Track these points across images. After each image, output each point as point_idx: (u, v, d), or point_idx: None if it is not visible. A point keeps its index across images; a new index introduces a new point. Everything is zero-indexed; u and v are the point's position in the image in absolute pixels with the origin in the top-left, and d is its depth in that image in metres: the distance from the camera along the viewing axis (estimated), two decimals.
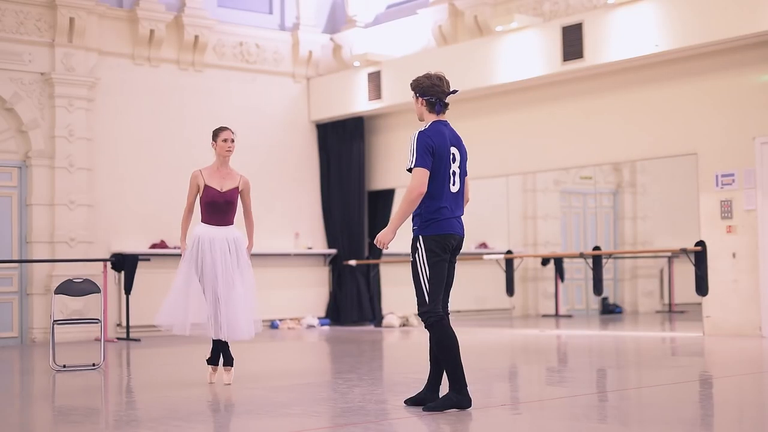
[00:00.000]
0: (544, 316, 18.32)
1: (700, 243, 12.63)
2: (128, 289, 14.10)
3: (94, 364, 9.90)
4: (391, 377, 9.09)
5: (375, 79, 16.05)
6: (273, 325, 16.14)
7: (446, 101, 6.80)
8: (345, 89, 16.67)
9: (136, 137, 15.37)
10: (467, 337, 13.75)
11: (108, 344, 12.09)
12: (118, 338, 14.20)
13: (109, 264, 13.97)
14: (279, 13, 17.27)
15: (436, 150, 6.59)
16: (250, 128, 16.45)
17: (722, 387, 7.93)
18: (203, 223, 8.60)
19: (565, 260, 17.88)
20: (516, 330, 15.29)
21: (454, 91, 6.82)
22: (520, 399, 7.58)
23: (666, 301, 18.94)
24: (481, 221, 18.71)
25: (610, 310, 18.44)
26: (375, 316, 16.72)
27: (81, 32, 14.67)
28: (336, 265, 17.06)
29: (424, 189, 6.54)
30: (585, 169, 17.68)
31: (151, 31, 15.42)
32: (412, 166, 6.59)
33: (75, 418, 6.91)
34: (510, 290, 16.64)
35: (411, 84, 6.91)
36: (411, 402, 6.80)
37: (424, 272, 6.64)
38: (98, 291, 10.06)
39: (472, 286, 18.13)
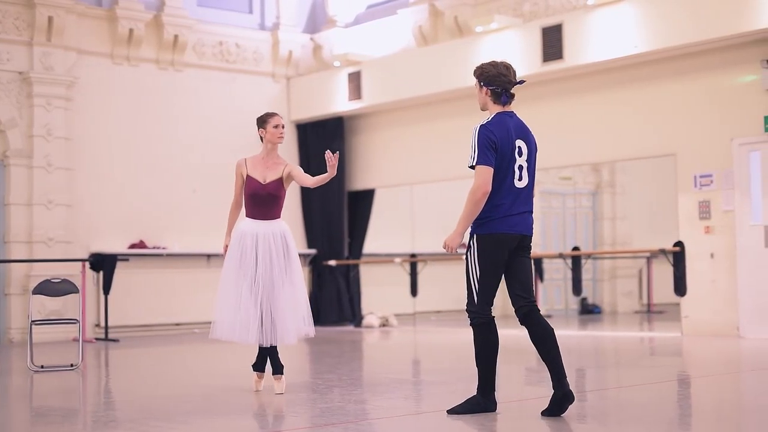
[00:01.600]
0: None
1: (679, 243, 12.68)
2: (107, 289, 14.05)
3: (72, 365, 9.85)
4: (371, 378, 9.08)
5: (355, 79, 16.04)
6: None
7: (512, 92, 6.45)
8: (325, 89, 16.65)
9: (114, 137, 15.30)
10: (447, 338, 13.77)
11: (86, 345, 12.05)
12: (97, 339, 14.14)
13: (87, 264, 13.92)
14: (259, 13, 17.23)
15: (499, 144, 6.24)
16: (229, 128, 16.41)
17: (700, 387, 7.96)
18: (247, 218, 7.85)
19: (545, 260, 17.90)
20: None
21: (521, 81, 6.48)
22: (499, 399, 7.58)
23: (645, 301, 19.00)
24: None
25: (589, 311, 18.48)
26: (355, 317, 16.71)
27: (59, 31, 14.59)
28: (316, 265, 17.04)
29: (489, 188, 6.20)
30: (564, 169, 17.72)
31: (131, 31, 15.36)
32: (474, 164, 6.25)
33: (53, 418, 6.87)
34: None
35: (475, 72, 6.51)
36: (548, 413, 6.31)
37: (475, 273, 6.39)
38: (76, 291, 10.01)
39: (452, 287, 18.10)
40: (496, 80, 6.38)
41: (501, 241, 6.28)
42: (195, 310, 15.62)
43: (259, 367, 7.94)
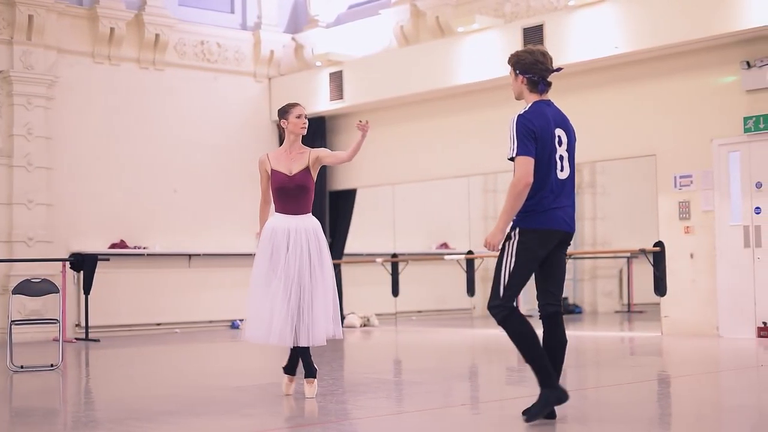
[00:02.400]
0: None
1: (659, 243, 12.74)
2: (87, 289, 14.00)
3: (52, 365, 9.81)
4: (352, 377, 9.09)
5: (337, 79, 16.03)
6: (233, 325, 16.08)
7: (549, 80, 6.14)
8: (306, 89, 16.64)
9: (95, 136, 15.25)
10: (428, 337, 13.78)
11: (66, 345, 12.00)
12: (77, 339, 14.08)
13: (67, 264, 13.87)
14: (240, 13, 17.20)
15: (538, 133, 5.91)
16: (210, 127, 16.39)
17: (680, 386, 8.01)
18: (277, 213, 7.45)
19: None
20: (476, 330, 15.34)
21: (559, 69, 6.18)
22: (480, 399, 7.61)
23: (625, 301, 19.08)
24: (442, 221, 18.78)
25: (569, 311, 18.54)
26: None
27: (40, 30, 14.53)
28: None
29: (531, 179, 5.83)
30: None
31: (111, 30, 15.31)
32: (514, 155, 5.91)
33: (33, 419, 6.85)
34: (470, 290, 16.68)
35: (510, 59, 6.19)
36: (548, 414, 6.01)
37: (509, 265, 5.89)
38: (57, 291, 9.97)
39: (432, 286, 18.18)
40: (533, 68, 6.09)
41: (545, 237, 5.92)
42: (176, 310, 15.60)
43: (290, 369, 7.51)
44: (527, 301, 18.76)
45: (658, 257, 12.72)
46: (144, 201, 15.61)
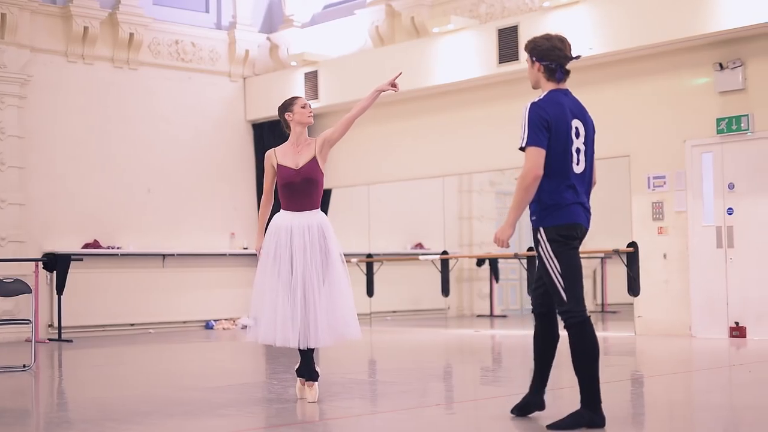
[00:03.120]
0: (479, 316, 18.43)
1: (632, 244, 12.80)
2: (60, 289, 13.92)
3: (24, 366, 9.75)
4: (327, 378, 9.07)
5: (312, 79, 16.02)
6: (208, 326, 16.04)
7: (567, 67, 5.87)
8: (282, 89, 16.60)
9: (69, 135, 15.17)
10: (402, 338, 13.79)
11: (39, 345, 11.92)
12: (50, 339, 14.00)
13: (40, 264, 13.79)
14: (215, 12, 17.16)
15: (552, 124, 5.64)
16: (185, 127, 16.35)
17: (653, 386, 8.05)
18: (282, 210, 7.15)
19: (500, 261, 18.01)
20: (451, 330, 15.37)
21: (578, 56, 5.92)
22: (454, 398, 7.62)
23: (599, 301, 19.15)
24: (417, 222, 18.78)
25: None
26: None
27: (13, 28, 14.44)
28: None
29: (541, 171, 5.61)
30: (520, 170, 17.78)
31: (85, 29, 15.23)
32: (524, 145, 5.69)
33: (5, 420, 6.80)
34: (445, 290, 16.72)
35: (526, 46, 5.92)
36: (518, 410, 6.04)
37: (554, 267, 5.63)
38: (29, 291, 9.90)
39: (407, 287, 18.18)
40: (550, 54, 5.81)
41: (572, 230, 5.66)
42: (150, 310, 15.54)
43: (302, 371, 7.17)
44: (502, 301, 18.83)
45: (631, 258, 12.79)
46: (118, 201, 15.55)
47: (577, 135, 5.72)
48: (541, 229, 5.67)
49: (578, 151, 5.71)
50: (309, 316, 6.92)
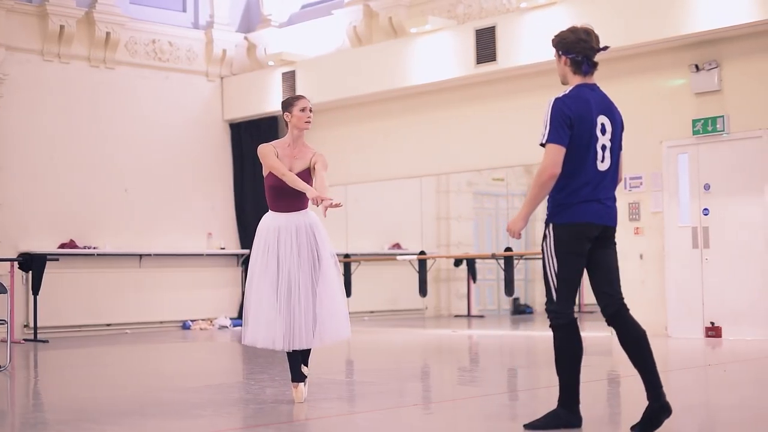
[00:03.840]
0: (457, 316, 18.46)
1: None
2: (36, 289, 13.84)
3: (0, 366, 9.69)
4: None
5: (289, 78, 16.00)
6: (185, 326, 15.99)
7: (595, 60, 5.73)
8: (259, 89, 16.59)
9: (45, 134, 15.08)
10: (380, 338, 13.80)
11: (15, 346, 11.86)
12: (26, 339, 13.92)
13: (16, 264, 13.71)
14: (192, 11, 17.11)
15: (575, 120, 5.48)
16: (162, 127, 16.29)
17: (629, 386, 8.07)
18: (271, 212, 7.04)
19: (478, 261, 18.05)
20: (428, 330, 15.38)
21: (605, 48, 5.77)
22: (432, 399, 7.63)
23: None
24: (395, 222, 18.80)
25: (521, 311, 18.66)
26: None
27: None
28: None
29: (558, 170, 5.43)
30: (497, 170, 17.87)
31: (61, 27, 15.15)
32: (544, 141, 5.51)
33: None
34: (423, 291, 16.75)
35: (553, 40, 5.79)
36: (641, 428, 5.56)
37: (552, 266, 5.57)
38: (5, 291, 9.84)
39: (385, 287, 18.19)
40: (576, 47, 5.66)
41: (580, 232, 5.53)
42: (126, 310, 15.48)
43: (295, 376, 7.03)
44: (479, 301, 18.85)
45: None
46: (94, 200, 15.48)
47: (603, 131, 5.58)
48: (551, 225, 5.58)
49: (603, 148, 5.56)
50: (295, 317, 6.82)
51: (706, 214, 12.06)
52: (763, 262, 11.59)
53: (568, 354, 5.63)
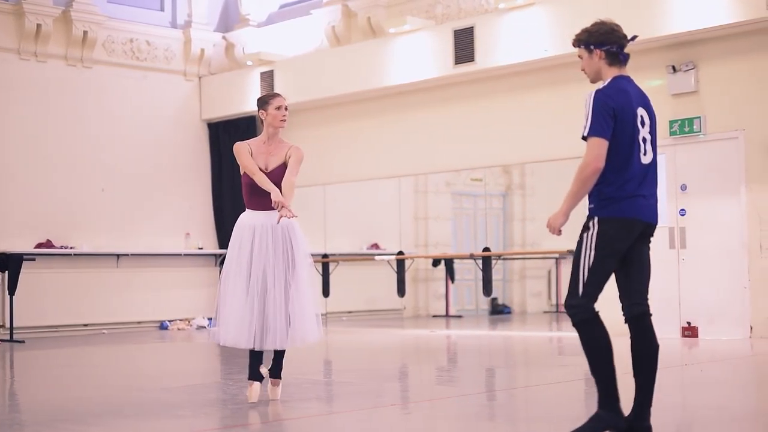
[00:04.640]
0: (435, 316, 18.48)
1: None
2: (12, 289, 13.77)
3: None
4: (282, 378, 9.05)
5: (268, 78, 15.98)
6: (162, 326, 15.94)
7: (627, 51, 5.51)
8: (237, 88, 16.56)
9: (21, 134, 15.00)
10: (358, 338, 13.80)
11: None
12: (2, 340, 13.83)
13: None
14: (170, 11, 17.05)
15: (618, 112, 5.24)
16: (140, 126, 16.23)
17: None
18: (248, 210, 7.01)
19: (456, 261, 18.06)
20: (406, 330, 15.39)
21: (634, 37, 5.64)
22: (410, 398, 7.63)
23: (553, 301, 19.29)
24: (373, 222, 18.80)
25: (499, 311, 18.70)
26: None
27: None
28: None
29: (602, 164, 5.21)
30: (476, 171, 17.90)
31: (38, 26, 15.07)
32: (586, 134, 5.26)
33: None
34: (401, 291, 16.75)
35: (580, 38, 5.66)
36: None
37: (587, 259, 5.39)
38: None
39: (363, 287, 18.19)
40: (611, 37, 5.53)
41: (627, 227, 5.38)
42: (103, 310, 15.41)
43: (252, 374, 6.97)
44: (457, 301, 18.88)
45: None
46: (71, 200, 15.40)
47: (643, 124, 5.35)
48: (596, 218, 5.38)
49: (644, 140, 5.34)
50: (269, 317, 6.79)
51: (682, 215, 12.13)
52: (740, 263, 11.66)
53: (599, 348, 5.47)
